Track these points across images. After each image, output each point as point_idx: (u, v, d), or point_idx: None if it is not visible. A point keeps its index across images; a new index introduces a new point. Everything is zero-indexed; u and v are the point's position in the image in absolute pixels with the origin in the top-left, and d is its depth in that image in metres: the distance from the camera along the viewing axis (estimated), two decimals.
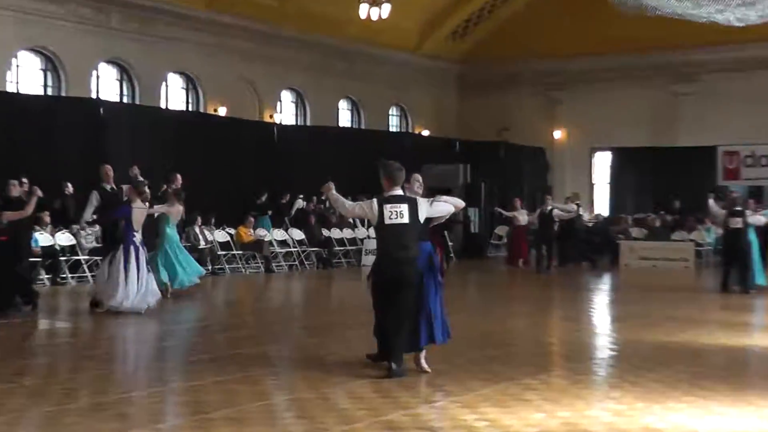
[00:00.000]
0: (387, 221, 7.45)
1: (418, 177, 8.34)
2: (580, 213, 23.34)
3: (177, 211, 14.05)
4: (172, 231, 13.87)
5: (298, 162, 25.23)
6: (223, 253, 19.14)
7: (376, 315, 7.66)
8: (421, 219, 7.60)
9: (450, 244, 22.05)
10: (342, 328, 10.67)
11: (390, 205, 7.50)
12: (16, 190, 11.98)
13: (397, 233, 7.45)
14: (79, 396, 6.60)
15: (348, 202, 7.92)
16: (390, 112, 31.37)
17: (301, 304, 14.44)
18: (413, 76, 31.03)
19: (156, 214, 13.30)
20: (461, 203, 8.23)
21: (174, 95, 24.56)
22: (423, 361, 7.59)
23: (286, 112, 27.67)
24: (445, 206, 7.93)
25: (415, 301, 7.52)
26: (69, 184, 17.20)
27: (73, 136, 18.95)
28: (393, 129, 31.25)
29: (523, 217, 21.80)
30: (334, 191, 7.83)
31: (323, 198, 21.68)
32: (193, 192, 20.58)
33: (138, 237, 11.57)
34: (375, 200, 7.56)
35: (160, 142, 21.39)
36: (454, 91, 33.06)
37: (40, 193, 11.64)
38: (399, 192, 7.63)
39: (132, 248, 11.46)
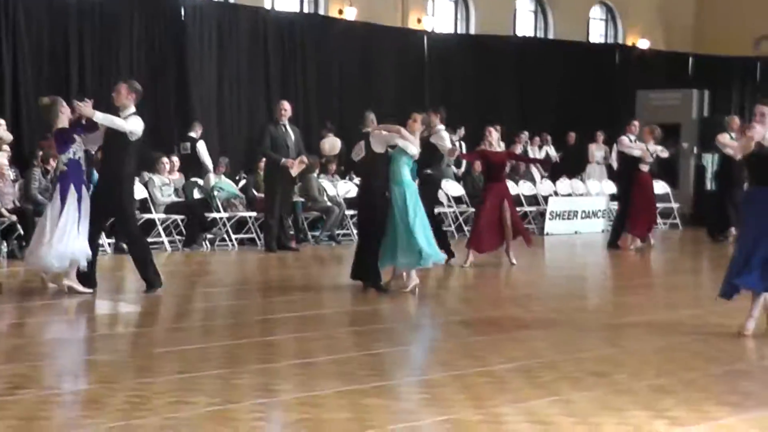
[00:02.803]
0: None
1: None
2: None
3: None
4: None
5: (456, 85, 25.14)
6: (351, 213, 19.20)
7: None
8: None
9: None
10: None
11: None
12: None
13: None
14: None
15: None
16: (590, 14, 30.72)
17: (457, 289, 14.29)
18: None
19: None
20: None
21: None
22: None
23: (440, 15, 27.49)
24: None
25: None
26: None
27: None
28: (595, 39, 30.63)
29: None
30: None
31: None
32: (306, 126, 21.06)
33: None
34: None
35: (258, 55, 21.81)
36: None
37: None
38: None
39: None
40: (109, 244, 16.04)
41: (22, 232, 15.26)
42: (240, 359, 8.26)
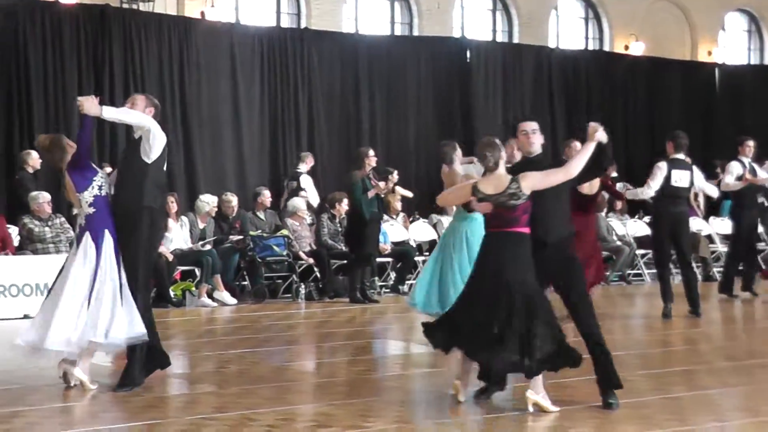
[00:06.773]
0: None
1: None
2: None
3: None
4: None
5: (749, 117, 24.58)
6: (641, 252, 19.04)
7: None
8: None
9: None
10: None
11: None
12: None
13: None
14: None
15: None
16: None
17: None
18: None
19: None
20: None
21: (567, 28, 24.80)
22: None
23: (732, 46, 26.84)
24: None
25: None
26: None
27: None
28: None
29: None
30: None
31: None
32: None
33: None
34: None
35: (542, 94, 21.97)
36: None
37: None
38: None
39: None
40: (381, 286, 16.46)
41: (318, 274, 16.11)
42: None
